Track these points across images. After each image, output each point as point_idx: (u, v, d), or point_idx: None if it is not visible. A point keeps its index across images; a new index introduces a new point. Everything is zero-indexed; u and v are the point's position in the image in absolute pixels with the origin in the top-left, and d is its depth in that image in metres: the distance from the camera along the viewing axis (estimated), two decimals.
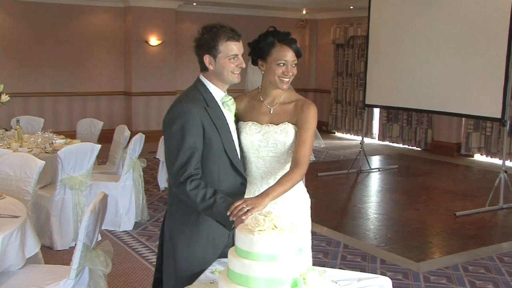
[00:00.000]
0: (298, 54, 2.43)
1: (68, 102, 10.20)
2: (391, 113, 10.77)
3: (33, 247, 3.05)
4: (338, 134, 12.08)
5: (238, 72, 2.30)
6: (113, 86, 10.57)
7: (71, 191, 4.58)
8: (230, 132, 2.33)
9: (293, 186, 2.27)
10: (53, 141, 5.44)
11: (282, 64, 2.39)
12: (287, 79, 2.41)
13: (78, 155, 4.54)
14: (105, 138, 6.96)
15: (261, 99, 2.50)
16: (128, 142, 5.43)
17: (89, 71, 10.31)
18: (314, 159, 2.56)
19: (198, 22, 10.93)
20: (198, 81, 2.34)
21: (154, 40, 10.44)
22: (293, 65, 2.42)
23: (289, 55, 2.39)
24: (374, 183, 7.64)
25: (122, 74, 10.64)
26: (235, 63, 2.28)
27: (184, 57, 10.91)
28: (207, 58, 2.27)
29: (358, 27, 11.13)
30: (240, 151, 2.43)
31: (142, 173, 5.37)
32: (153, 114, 10.63)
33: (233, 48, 2.26)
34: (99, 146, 4.69)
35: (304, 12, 11.83)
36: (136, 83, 10.43)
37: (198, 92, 2.30)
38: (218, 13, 11.13)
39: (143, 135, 5.43)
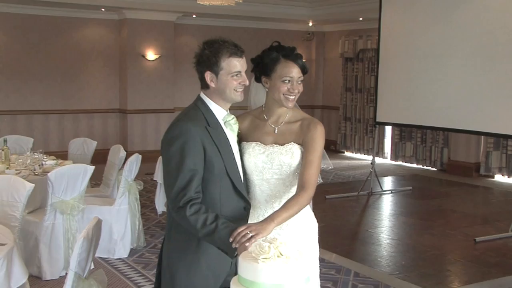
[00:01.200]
0: (304, 70, 2.46)
1: (59, 120, 10.26)
2: (404, 131, 10.80)
3: (20, 277, 3.05)
4: (347, 153, 12.10)
5: (241, 90, 2.34)
6: (107, 103, 10.65)
7: (62, 216, 4.59)
8: (233, 153, 2.35)
9: (299, 210, 2.28)
10: (43, 162, 5.47)
11: (287, 81, 2.42)
12: (293, 97, 2.44)
13: (70, 177, 4.56)
14: (99, 159, 6.99)
15: (265, 118, 2.53)
16: (124, 163, 5.46)
17: (82, 87, 10.40)
18: (321, 181, 2.57)
19: (198, 35, 11.08)
20: (199, 99, 2.38)
21: (151, 55, 10.55)
22: (299, 82, 2.45)
23: (295, 72, 2.43)
24: (387, 206, 7.63)
25: (117, 91, 10.73)
26: (238, 80, 2.31)
27: (183, 72, 11.01)
28: (208, 75, 2.31)
29: (368, 39, 11.23)
30: (243, 173, 2.45)
31: (138, 196, 5.39)
32: (150, 133, 10.68)
33: (236, 65, 2.30)
34: (92, 167, 4.71)
35: (310, 24, 11.95)
36: (132, 100, 10.50)
37: (199, 111, 2.33)
38: (219, 25, 11.26)
39: (140, 156, 5.45)
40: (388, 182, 9.17)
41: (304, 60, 2.50)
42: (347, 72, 11.86)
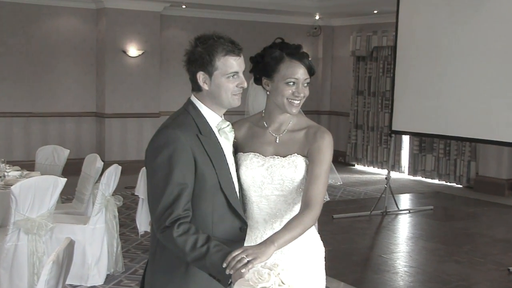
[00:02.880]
0: (310, 71, 2.49)
1: (24, 124, 10.27)
2: (424, 142, 10.83)
3: None
4: (358, 166, 12.13)
5: (238, 93, 2.36)
6: (82, 105, 10.67)
7: (26, 236, 4.58)
8: (228, 165, 2.37)
9: (303, 231, 2.30)
10: (6, 174, 5.47)
11: (291, 83, 2.45)
12: (298, 102, 2.47)
13: (37, 191, 4.57)
14: (72, 169, 6.99)
15: (265, 125, 2.55)
16: (100, 175, 5.46)
17: (52, 87, 10.42)
18: (328, 198, 2.59)
19: (188, 28, 11.14)
20: (189, 103, 2.39)
21: (133, 50, 10.58)
22: (305, 85, 2.48)
23: (300, 72, 2.45)
24: (404, 228, 7.64)
25: (94, 91, 10.75)
26: (234, 82, 2.34)
27: (170, 71, 11.04)
28: (201, 76, 2.33)
29: (384, 35, 11.28)
30: (239, 188, 2.47)
31: (117, 214, 5.39)
32: (132, 141, 10.70)
33: (233, 64, 2.32)
34: (64, 179, 4.72)
35: (317, 17, 12.01)
36: (111, 102, 10.53)
37: (189, 117, 2.34)
38: (212, 17, 11.31)
39: (119, 167, 5.46)
40: (405, 200, 9.18)
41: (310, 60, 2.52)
42: (359, 73, 11.91)
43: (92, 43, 10.66)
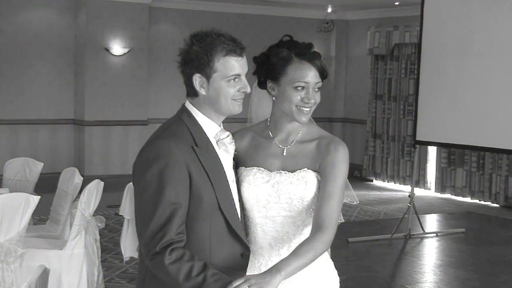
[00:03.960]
0: (322, 74, 2.50)
1: None
2: (453, 154, 10.83)
3: None
4: (376, 182, 12.12)
5: (239, 98, 2.37)
6: (57, 111, 10.70)
7: None
8: (227, 181, 2.38)
9: (315, 258, 2.31)
10: None
11: (300, 88, 2.46)
12: (308, 109, 2.48)
13: (5, 210, 4.57)
14: (46, 186, 6.99)
15: (271, 135, 2.56)
16: (80, 192, 5.47)
17: (23, 90, 10.45)
18: (342, 219, 2.59)
19: (181, 23, 11.18)
20: (184, 110, 2.41)
21: (117, 48, 10.63)
22: (316, 89, 2.49)
23: (311, 75, 2.46)
24: (430, 253, 7.62)
25: (71, 95, 10.79)
26: (236, 86, 2.35)
27: (160, 72, 11.08)
28: (197, 79, 2.34)
29: (406, 31, 11.31)
30: (241, 208, 2.48)
31: (98, 237, 5.39)
32: (116, 153, 10.72)
33: (234, 66, 2.33)
34: (37, 197, 4.72)
35: (329, 10, 12.05)
36: (92, 107, 10.55)
37: (183, 126, 2.36)
38: (209, 10, 11.36)
39: (101, 183, 5.47)
40: (432, 222, 9.16)
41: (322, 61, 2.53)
42: (378, 74, 11.93)
43: (69, 40, 10.70)
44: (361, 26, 12.39)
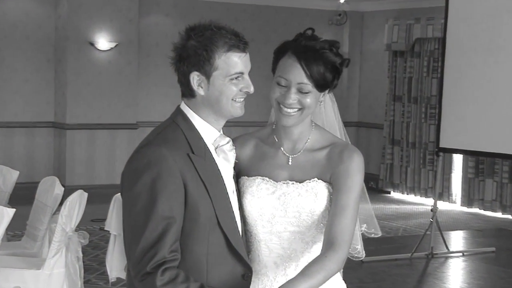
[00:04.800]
0: (312, 77, 2.42)
1: None
2: (482, 162, 10.80)
3: None
4: (395, 194, 12.11)
5: (242, 99, 2.38)
6: (35, 113, 10.71)
7: None
8: (227, 193, 2.38)
9: (326, 279, 2.30)
10: None
11: (282, 84, 2.45)
12: (288, 110, 2.44)
13: None
14: (22, 197, 6.98)
15: (276, 140, 2.57)
16: (60, 204, 5.47)
17: None
18: (364, 255, 2.58)
19: (175, 15, 11.19)
20: (179, 112, 2.41)
21: (103, 42, 10.64)
22: (305, 92, 2.42)
23: (293, 73, 2.42)
24: (456, 275, 7.60)
25: (51, 95, 10.79)
26: (239, 85, 2.35)
27: (151, 70, 11.07)
28: (195, 78, 2.34)
29: (429, 23, 11.30)
30: (242, 223, 2.48)
31: (81, 255, 5.38)
32: (101, 160, 10.71)
33: (237, 63, 2.33)
34: (12, 210, 4.72)
35: (341, 0, 12.05)
36: (74, 109, 10.56)
37: (178, 130, 2.36)
38: (206, 0, 11.33)
39: (85, 194, 5.47)
40: (457, 240, 9.14)
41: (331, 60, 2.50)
42: (396, 73, 11.92)
43: (49, 32, 10.72)
44: (377, 19, 12.39)
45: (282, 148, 2.55)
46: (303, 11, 12.03)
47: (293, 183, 2.48)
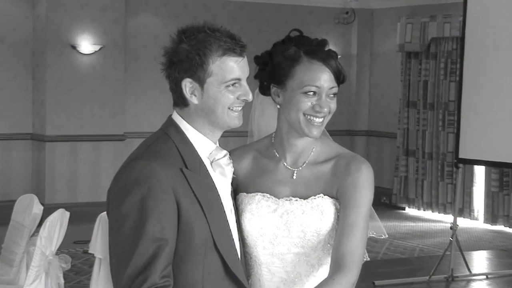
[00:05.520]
0: (339, 78, 2.51)
1: None
2: (506, 175, 10.80)
3: None
4: (410, 210, 12.09)
5: (240, 108, 2.39)
6: (11, 124, 10.69)
7: None
8: (224, 212, 2.39)
9: None
10: None
11: (311, 93, 2.47)
12: (320, 120, 2.49)
13: None
14: None
15: (277, 155, 2.58)
16: (39, 225, 5.47)
17: None
18: (368, 258, 2.59)
19: (165, 15, 11.20)
20: (171, 123, 2.42)
21: (87, 45, 10.63)
22: (331, 95, 2.50)
23: (325, 78, 2.48)
24: None
25: (29, 104, 10.78)
26: (235, 93, 2.36)
27: (140, 75, 11.06)
28: (187, 85, 2.35)
29: (446, 22, 11.30)
30: (241, 245, 2.49)
31: (62, 281, 5.38)
32: (85, 175, 10.69)
33: (233, 68, 2.35)
34: None
35: None
36: (54, 119, 10.54)
37: (170, 143, 2.37)
38: None
39: (67, 213, 5.47)
40: (480, 261, 9.12)
41: (339, 58, 2.54)
42: (410, 76, 11.92)
43: (26, 34, 10.71)
44: (389, 16, 12.40)
45: (283, 162, 2.56)
46: (307, 9, 12.03)
47: (296, 200, 2.49)
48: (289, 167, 2.56)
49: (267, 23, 11.57)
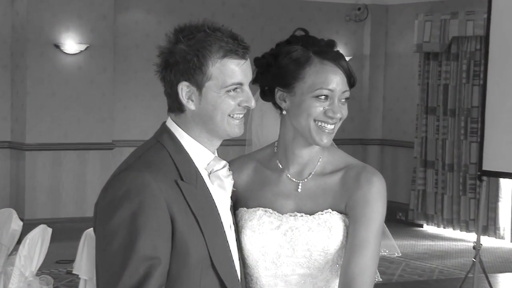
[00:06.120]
0: (350, 80, 2.53)
1: None
2: None
3: None
4: (428, 228, 12.08)
5: (241, 115, 2.40)
6: None
7: None
8: (223, 229, 2.40)
9: None
10: None
11: (323, 97, 2.49)
12: (332, 126, 2.50)
13: None
14: None
15: (280, 166, 2.59)
16: (18, 242, 5.48)
17: None
18: (380, 279, 2.60)
19: (158, 11, 11.21)
20: (164, 130, 2.42)
21: (71, 44, 10.65)
22: (343, 100, 2.52)
23: (337, 81, 2.49)
24: None
25: (7, 108, 10.80)
26: (237, 98, 2.37)
27: (131, 77, 11.07)
28: (184, 89, 2.35)
29: (469, 19, 11.30)
30: (241, 265, 2.49)
31: None
32: (69, 188, 10.69)
33: (235, 72, 2.35)
34: None
35: None
36: (35, 126, 10.55)
37: (164, 152, 2.37)
38: None
39: (49, 229, 5.48)
40: (507, 284, 9.11)
41: (350, 59, 2.57)
42: (429, 80, 11.91)
43: (5, 33, 10.74)
44: (405, 13, 12.41)
45: (287, 173, 2.57)
46: (315, 5, 12.03)
47: (302, 216, 2.50)
48: (293, 179, 2.56)
49: (270, 20, 11.58)
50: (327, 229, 2.48)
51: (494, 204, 11.21)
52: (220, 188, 2.43)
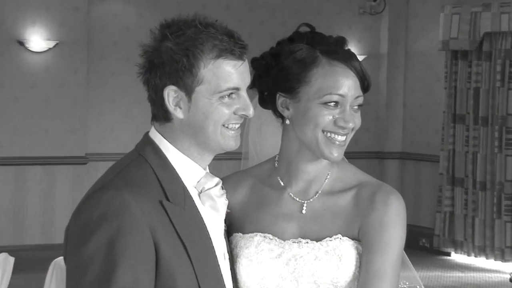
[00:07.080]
0: (364, 84, 2.55)
1: None
2: None
3: None
4: (457, 256, 12.08)
5: (237, 125, 2.41)
6: None
7: None
8: (216, 257, 2.40)
9: None
10: None
11: (333, 104, 2.50)
12: (343, 138, 2.52)
13: None
14: None
15: (281, 183, 2.61)
16: None
17: None
18: None
19: (141, 2, 11.24)
20: (147, 142, 2.43)
21: (38, 41, 10.68)
22: (355, 108, 2.53)
23: (349, 85, 2.50)
24: None
25: None
26: (232, 106, 2.38)
27: (108, 79, 11.09)
28: (171, 94, 2.36)
29: (503, 12, 11.31)
30: None
31: None
32: (34, 209, 10.70)
33: (231, 74, 2.36)
34: None
35: None
36: None
37: (146, 168, 2.38)
38: None
39: (11, 258, 5.50)
40: None
41: (364, 58, 2.58)
42: (457, 83, 11.93)
43: None
44: (429, 6, 12.45)
45: (290, 192, 2.59)
46: None
47: (307, 242, 2.51)
48: (297, 199, 2.58)
49: (271, 13, 11.61)
50: (336, 258, 2.49)
51: None
52: (212, 210, 2.43)
